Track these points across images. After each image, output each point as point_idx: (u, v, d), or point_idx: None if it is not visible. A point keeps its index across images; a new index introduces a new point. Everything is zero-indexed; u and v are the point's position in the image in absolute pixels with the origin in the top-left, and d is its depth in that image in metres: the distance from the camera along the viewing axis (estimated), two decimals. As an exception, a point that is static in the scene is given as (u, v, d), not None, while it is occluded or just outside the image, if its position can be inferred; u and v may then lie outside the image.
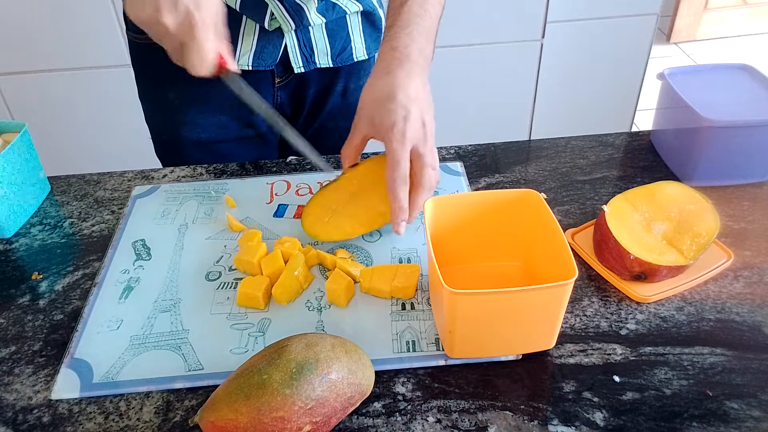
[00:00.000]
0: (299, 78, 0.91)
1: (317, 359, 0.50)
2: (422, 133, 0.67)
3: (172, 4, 0.60)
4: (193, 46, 0.63)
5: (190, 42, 0.62)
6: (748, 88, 0.81)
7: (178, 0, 0.60)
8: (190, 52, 0.63)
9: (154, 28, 0.63)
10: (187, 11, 0.61)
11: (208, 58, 0.64)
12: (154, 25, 0.62)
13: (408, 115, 0.66)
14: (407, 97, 0.67)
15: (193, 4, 0.61)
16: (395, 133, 0.65)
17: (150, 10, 0.61)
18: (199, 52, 0.63)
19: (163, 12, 0.61)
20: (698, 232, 0.66)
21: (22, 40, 1.66)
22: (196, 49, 0.63)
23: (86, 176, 0.87)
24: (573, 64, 1.83)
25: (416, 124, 0.66)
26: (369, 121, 0.69)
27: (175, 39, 0.63)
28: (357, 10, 0.88)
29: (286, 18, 0.81)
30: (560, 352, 0.59)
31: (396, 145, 0.65)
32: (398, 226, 0.67)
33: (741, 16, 3.05)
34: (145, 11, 0.61)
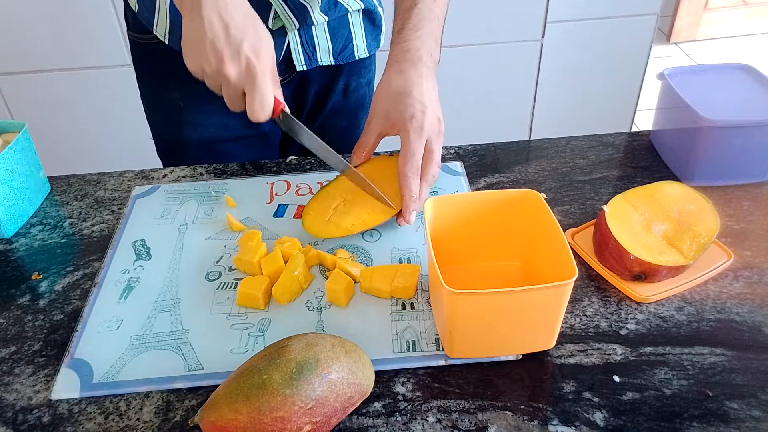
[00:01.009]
0: (301, 76, 0.91)
1: (317, 359, 0.50)
2: (437, 129, 0.70)
3: (234, 54, 0.62)
4: (255, 95, 0.64)
5: (251, 90, 0.64)
6: (748, 88, 0.81)
7: (240, 50, 0.62)
8: (253, 100, 0.65)
9: (215, 80, 0.65)
10: (248, 61, 0.63)
11: (268, 105, 0.65)
12: (216, 77, 0.64)
13: (425, 109, 0.69)
14: (422, 94, 0.70)
15: (253, 53, 0.63)
16: (414, 124, 0.68)
17: (213, 62, 0.63)
18: (261, 100, 0.65)
19: (225, 63, 0.62)
20: (698, 232, 0.66)
21: (22, 40, 1.66)
22: (259, 97, 0.64)
23: (86, 176, 0.87)
24: (573, 64, 1.83)
25: (433, 119, 0.70)
26: (385, 117, 0.71)
27: (237, 88, 0.65)
28: (359, 8, 0.88)
29: (290, 17, 0.81)
30: (560, 352, 0.59)
31: (413, 136, 0.68)
32: (409, 215, 0.69)
33: (741, 16, 3.05)
34: (210, 64, 0.63)
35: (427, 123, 0.69)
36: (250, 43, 0.63)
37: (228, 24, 0.62)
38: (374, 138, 0.74)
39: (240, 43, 0.63)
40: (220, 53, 0.62)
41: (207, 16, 0.62)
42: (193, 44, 0.64)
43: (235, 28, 0.63)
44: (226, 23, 0.62)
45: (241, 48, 0.63)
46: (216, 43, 0.62)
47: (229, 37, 0.62)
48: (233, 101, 0.67)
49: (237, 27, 0.63)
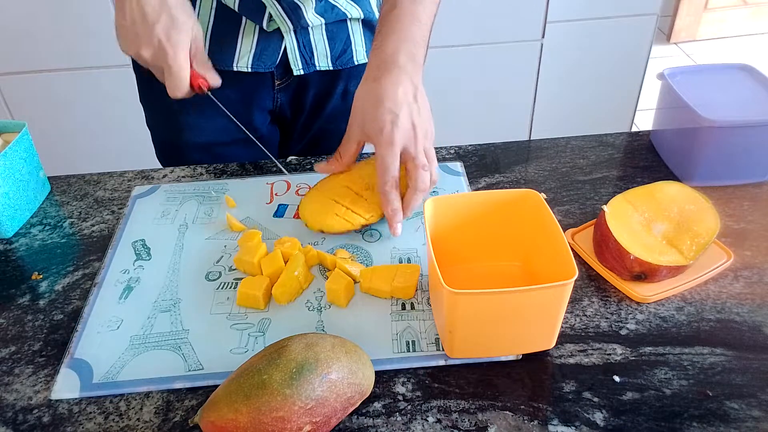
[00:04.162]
0: (299, 80, 0.91)
1: (317, 359, 0.50)
2: (412, 135, 0.68)
3: (148, 38, 0.70)
4: (169, 73, 0.71)
5: (166, 69, 0.71)
6: (748, 88, 0.81)
7: (152, 34, 0.69)
8: (167, 78, 0.72)
9: (141, 61, 0.72)
10: (160, 43, 0.70)
11: (181, 83, 0.72)
12: (138, 59, 0.72)
13: (396, 119, 0.67)
14: (394, 102, 0.67)
15: (164, 36, 0.69)
16: (383, 138, 0.67)
17: (133, 46, 0.71)
18: (173, 77, 0.71)
19: (141, 46, 0.70)
20: (698, 232, 0.66)
21: (22, 40, 1.66)
22: (171, 74, 0.71)
23: (86, 176, 0.87)
24: (573, 64, 1.83)
25: (405, 127, 0.67)
26: (360, 128, 0.71)
27: (157, 68, 0.73)
28: (358, 16, 0.88)
29: (284, 18, 0.81)
30: (560, 352, 0.59)
31: (384, 150, 0.68)
32: (395, 228, 0.70)
33: (741, 16, 3.05)
34: (131, 48, 0.71)
35: (397, 134, 0.67)
36: (162, 27, 0.69)
37: (144, 10, 0.69)
38: (354, 147, 0.73)
39: (152, 27, 0.69)
40: (137, 37, 0.70)
41: (128, 4, 0.69)
42: (120, 30, 0.72)
43: (149, 13, 0.69)
44: (143, 8, 0.69)
45: (153, 31, 0.69)
46: (134, 28, 0.70)
47: (144, 23, 0.69)
48: (160, 78, 0.74)
49: (151, 12, 0.69)
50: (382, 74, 0.69)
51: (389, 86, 0.68)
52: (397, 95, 0.68)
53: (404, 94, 0.68)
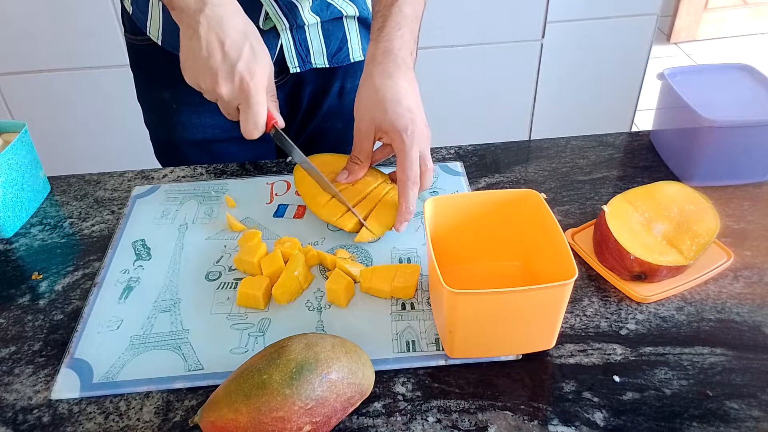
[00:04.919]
0: (295, 78, 0.91)
1: (317, 359, 0.50)
2: (426, 136, 0.70)
3: (228, 74, 0.64)
4: (248, 113, 0.66)
5: (245, 108, 0.66)
6: (748, 88, 0.81)
7: (234, 69, 0.63)
8: (246, 117, 0.66)
9: (211, 96, 0.66)
10: (242, 80, 0.64)
11: (261, 123, 0.67)
12: (211, 94, 0.66)
13: (415, 118, 0.68)
14: (411, 102, 0.69)
15: (247, 72, 0.64)
16: (409, 135, 0.67)
17: (209, 80, 0.64)
18: (253, 116, 0.66)
19: (220, 82, 0.64)
20: (698, 232, 0.66)
21: (22, 40, 1.66)
22: (252, 115, 0.66)
23: (86, 176, 0.87)
24: (573, 64, 1.83)
25: (422, 127, 0.69)
26: (374, 124, 0.70)
27: (232, 105, 0.67)
28: (354, 14, 0.88)
29: (280, 17, 0.81)
30: (560, 352, 0.59)
31: (410, 147, 0.68)
32: (402, 225, 0.70)
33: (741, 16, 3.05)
34: (205, 82, 0.65)
35: (418, 132, 0.68)
36: (245, 62, 0.64)
37: (224, 42, 0.63)
38: (370, 145, 0.73)
39: (235, 63, 0.64)
40: (215, 72, 0.64)
41: (204, 34, 0.63)
42: (190, 61, 0.65)
43: (230, 46, 0.64)
44: (222, 41, 0.63)
45: (235, 67, 0.64)
46: (211, 62, 0.64)
47: (225, 56, 0.64)
48: (229, 115, 0.69)
49: (232, 46, 0.64)
50: (393, 71, 0.70)
51: (405, 85, 0.69)
52: (412, 95, 0.70)
53: (415, 95, 0.70)
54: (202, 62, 0.64)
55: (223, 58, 0.64)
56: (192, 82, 0.67)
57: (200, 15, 0.63)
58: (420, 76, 0.73)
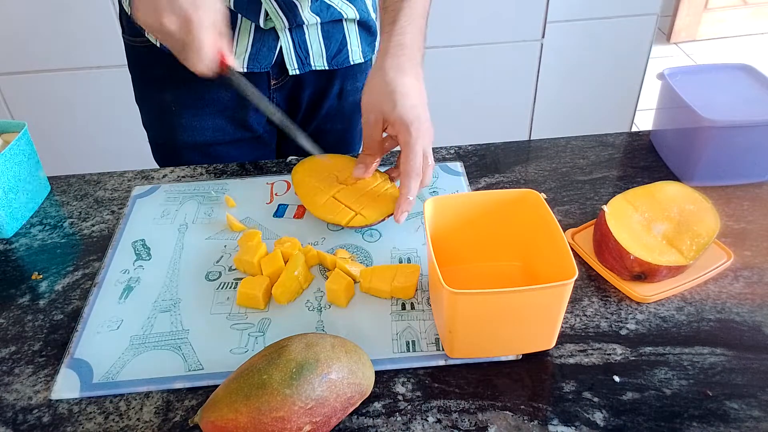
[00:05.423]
0: (295, 80, 0.91)
1: (317, 359, 0.50)
2: (430, 134, 0.71)
3: (170, 6, 0.63)
4: (192, 46, 0.65)
5: (189, 42, 0.65)
6: (748, 88, 0.81)
7: (177, 2, 0.63)
8: (191, 52, 0.65)
9: (156, 31, 0.65)
10: (186, 13, 0.63)
11: (207, 57, 0.66)
12: (156, 28, 0.65)
13: (421, 115, 0.69)
14: (419, 98, 0.71)
15: (191, 5, 0.63)
16: (414, 130, 0.68)
17: (152, 14, 0.64)
18: (198, 51, 0.65)
19: (163, 15, 0.63)
20: (698, 232, 0.66)
21: (22, 40, 1.66)
22: (196, 48, 0.65)
23: (86, 176, 0.87)
24: (573, 64, 1.83)
25: (428, 124, 0.70)
26: (382, 115, 0.71)
27: (177, 40, 0.65)
28: (354, 17, 0.88)
29: (280, 16, 0.81)
30: (560, 352, 0.59)
31: (416, 140, 0.69)
32: (402, 215, 0.70)
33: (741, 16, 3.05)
34: (148, 15, 0.64)
35: (423, 128, 0.69)
36: None
37: None
38: (380, 134, 0.73)
39: None
40: (158, 6, 0.63)
41: None
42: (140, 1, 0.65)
43: None
44: None
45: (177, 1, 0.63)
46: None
47: None
48: (177, 54, 0.68)
49: None
50: (406, 65, 0.71)
51: (414, 81, 0.71)
52: (420, 91, 0.71)
53: (423, 91, 0.72)
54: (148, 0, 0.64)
55: None
56: (141, 20, 0.66)
57: None
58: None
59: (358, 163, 0.75)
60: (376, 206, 0.72)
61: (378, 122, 0.72)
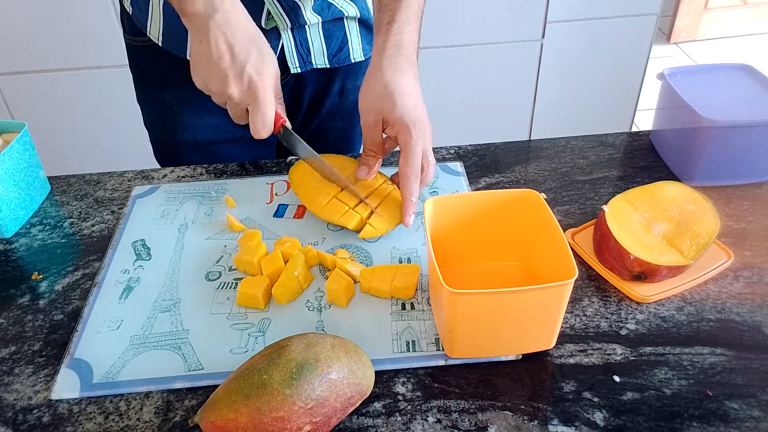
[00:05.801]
0: (296, 78, 0.91)
1: (317, 359, 0.50)
2: (429, 134, 0.71)
3: (238, 75, 0.66)
4: (257, 113, 0.68)
5: (254, 108, 0.67)
6: (748, 88, 0.81)
7: (244, 71, 0.66)
8: (254, 117, 0.68)
9: (220, 97, 0.68)
10: (251, 80, 0.66)
11: (269, 122, 0.69)
12: (221, 95, 0.68)
13: (421, 115, 0.70)
14: (418, 98, 0.71)
15: (256, 73, 0.66)
16: (417, 129, 0.69)
17: (218, 82, 0.67)
18: (262, 116, 0.68)
19: (230, 83, 0.66)
20: (698, 232, 0.66)
21: (22, 40, 1.66)
22: (260, 115, 0.68)
23: (86, 176, 0.87)
24: (573, 64, 1.83)
25: (428, 124, 0.71)
26: (381, 116, 0.71)
27: (241, 106, 0.69)
28: (355, 15, 0.88)
29: (282, 16, 0.81)
30: (560, 352, 0.59)
31: (416, 141, 0.69)
32: (409, 218, 0.71)
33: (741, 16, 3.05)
34: (215, 84, 0.67)
35: (423, 128, 0.70)
36: (253, 64, 0.66)
37: (233, 46, 0.66)
38: (380, 135, 0.74)
39: (244, 65, 0.66)
40: (225, 74, 0.66)
41: (213, 38, 0.65)
42: (200, 64, 0.67)
43: (239, 50, 0.66)
44: (231, 45, 0.66)
45: (244, 69, 0.66)
46: (221, 64, 0.66)
47: (234, 59, 0.66)
48: (237, 117, 0.70)
49: (241, 49, 0.66)
50: (404, 65, 0.71)
51: (412, 80, 0.72)
52: (417, 91, 0.72)
53: (418, 91, 0.72)
54: (212, 65, 0.66)
55: (233, 61, 0.66)
56: (201, 85, 0.69)
57: (210, 20, 0.65)
58: (420, 76, 0.74)
59: (361, 165, 0.75)
60: (385, 216, 0.72)
61: (378, 123, 0.72)
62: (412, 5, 0.75)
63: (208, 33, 0.65)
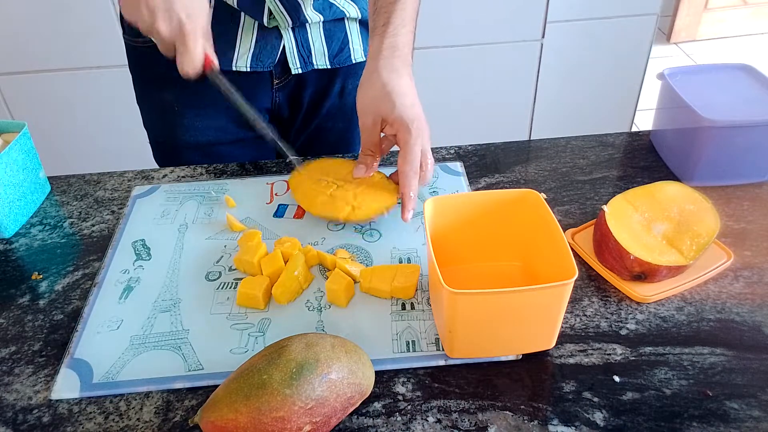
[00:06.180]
0: (297, 79, 0.91)
1: (317, 359, 0.50)
2: (428, 133, 0.72)
3: (166, 13, 0.66)
4: (184, 51, 0.68)
5: (181, 47, 0.68)
6: (748, 88, 0.81)
7: (172, 10, 0.66)
8: (181, 57, 0.68)
9: (149, 33, 0.68)
10: (180, 21, 0.66)
11: (196, 62, 0.69)
12: (149, 30, 0.68)
13: (419, 114, 0.71)
14: (415, 97, 0.72)
15: (185, 14, 0.66)
16: (416, 128, 0.70)
17: (147, 18, 0.66)
18: (189, 56, 0.68)
19: (157, 20, 0.66)
20: (698, 232, 0.66)
21: (22, 40, 1.66)
22: (187, 53, 0.68)
23: (86, 176, 0.87)
24: (573, 64, 1.83)
25: (424, 124, 0.71)
26: (380, 116, 0.72)
27: (169, 43, 0.68)
28: (356, 16, 0.88)
29: (283, 14, 0.81)
30: (560, 352, 0.59)
31: (415, 139, 0.70)
32: (409, 214, 0.71)
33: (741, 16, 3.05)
34: (143, 19, 0.67)
35: (422, 127, 0.71)
36: (182, 3, 0.66)
37: None
38: (378, 134, 0.74)
39: (172, 3, 0.66)
40: (153, 11, 0.66)
41: None
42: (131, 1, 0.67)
43: None
44: None
45: (173, 8, 0.66)
46: (150, 1, 0.65)
47: None
48: (166, 52, 0.70)
49: None
50: (400, 66, 0.72)
51: (409, 81, 0.72)
52: (414, 92, 0.72)
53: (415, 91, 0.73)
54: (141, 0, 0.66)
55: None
56: (131, 18, 0.68)
57: None
58: (420, 76, 0.74)
59: (359, 164, 0.75)
60: (374, 200, 0.73)
61: (377, 123, 0.73)
62: (407, 8, 0.75)
63: None
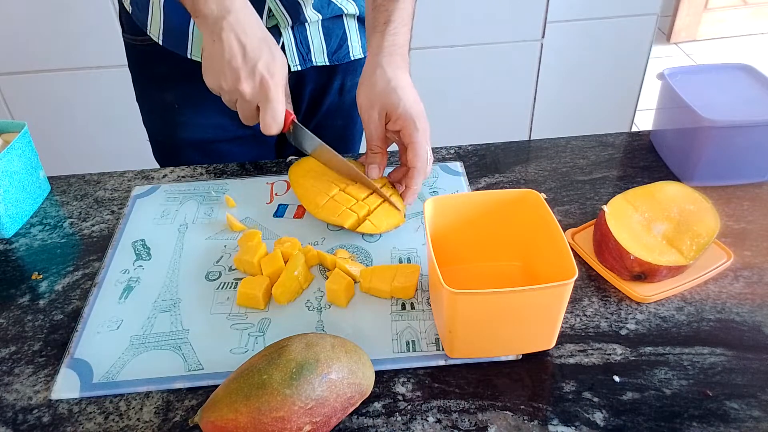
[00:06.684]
0: (296, 76, 0.92)
1: (317, 359, 0.50)
2: (429, 130, 0.73)
3: (250, 73, 0.68)
4: (268, 109, 0.70)
5: (265, 105, 0.70)
6: (748, 88, 0.81)
7: (255, 69, 0.68)
8: (265, 114, 0.71)
9: (231, 95, 0.71)
10: (262, 78, 0.69)
11: (279, 118, 0.71)
12: (232, 93, 0.70)
13: (422, 110, 0.72)
14: (417, 95, 0.73)
15: (267, 72, 0.69)
16: (420, 124, 0.71)
17: (231, 80, 0.69)
18: (273, 113, 0.70)
19: (241, 81, 0.68)
20: (698, 232, 0.66)
21: (22, 40, 1.66)
22: (271, 110, 0.70)
23: (86, 176, 0.87)
24: (573, 64, 1.83)
25: (427, 121, 0.73)
26: (386, 110, 0.73)
27: (252, 104, 0.71)
28: (354, 13, 0.88)
29: (283, 13, 0.82)
30: (560, 352, 0.59)
31: (422, 135, 0.72)
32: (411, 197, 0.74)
33: (741, 16, 3.05)
34: (227, 82, 0.69)
35: (425, 122, 0.72)
36: (264, 63, 0.68)
37: (245, 45, 0.68)
38: (384, 130, 0.75)
39: (255, 63, 0.68)
40: (237, 72, 0.68)
41: (226, 38, 0.68)
42: (213, 63, 0.69)
43: (251, 49, 0.68)
44: (244, 45, 0.68)
45: (256, 67, 0.68)
46: (233, 63, 0.68)
47: (246, 57, 0.68)
48: (247, 116, 0.72)
49: (253, 49, 0.68)
50: (401, 64, 0.74)
51: (409, 79, 0.74)
52: (415, 90, 0.73)
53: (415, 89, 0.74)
54: (225, 64, 0.68)
55: (245, 60, 0.68)
56: (213, 84, 0.71)
57: (224, 21, 0.68)
58: (420, 76, 0.75)
59: (370, 165, 0.75)
60: (382, 219, 0.72)
61: (382, 118, 0.74)
62: (407, 7, 0.77)
63: (222, 33, 0.68)
